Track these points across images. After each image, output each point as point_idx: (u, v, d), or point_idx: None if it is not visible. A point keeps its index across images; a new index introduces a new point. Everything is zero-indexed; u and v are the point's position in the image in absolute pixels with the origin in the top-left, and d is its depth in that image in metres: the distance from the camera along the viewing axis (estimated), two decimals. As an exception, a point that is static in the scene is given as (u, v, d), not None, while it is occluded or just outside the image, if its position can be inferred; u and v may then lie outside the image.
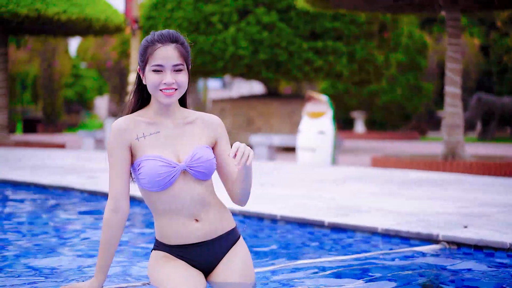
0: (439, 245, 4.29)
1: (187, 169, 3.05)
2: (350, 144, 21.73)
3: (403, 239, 4.47)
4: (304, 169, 9.26)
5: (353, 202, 5.81)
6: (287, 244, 4.61)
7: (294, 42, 16.00)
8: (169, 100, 3.04)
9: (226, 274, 3.16)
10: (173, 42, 3.06)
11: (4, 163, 9.74)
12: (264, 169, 9.27)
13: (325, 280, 3.54)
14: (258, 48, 16.02)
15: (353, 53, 16.44)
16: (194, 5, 16.38)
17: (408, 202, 5.86)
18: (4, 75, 15.47)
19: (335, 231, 4.80)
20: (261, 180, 7.84)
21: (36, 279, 3.49)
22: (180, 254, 3.14)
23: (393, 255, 4.13)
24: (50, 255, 4.13)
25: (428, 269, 3.83)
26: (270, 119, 17.62)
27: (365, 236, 4.65)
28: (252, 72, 16.65)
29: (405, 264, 3.94)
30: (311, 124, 10.34)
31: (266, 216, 5.23)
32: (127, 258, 4.12)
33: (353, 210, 5.32)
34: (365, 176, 8.28)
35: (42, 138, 23.69)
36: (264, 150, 12.51)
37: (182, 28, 16.41)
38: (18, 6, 13.44)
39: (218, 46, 16.13)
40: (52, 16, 13.72)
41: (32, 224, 5.48)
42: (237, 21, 16.12)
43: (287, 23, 16.04)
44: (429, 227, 4.55)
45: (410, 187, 7.00)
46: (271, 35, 15.94)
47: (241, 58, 16.18)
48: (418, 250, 4.24)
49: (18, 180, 7.61)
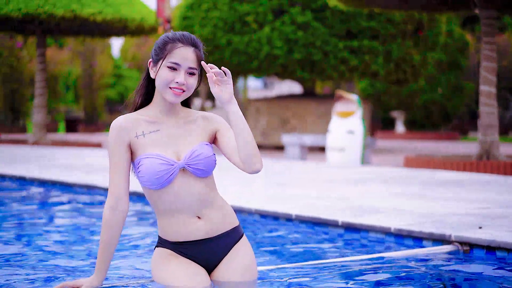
0: (451, 246, 4.23)
1: (186, 167, 3.08)
2: (389, 144, 21.56)
3: (416, 239, 4.43)
4: (330, 169, 9.22)
5: (371, 202, 5.77)
6: (299, 243, 4.61)
7: (329, 42, 15.93)
8: (175, 99, 3.07)
9: (228, 272, 3.19)
10: (193, 46, 3.09)
11: (35, 162, 9.90)
12: (291, 169, 9.26)
13: (332, 280, 3.52)
14: (293, 47, 16.00)
15: (389, 52, 16.31)
16: (230, 5, 16.43)
17: (427, 202, 5.80)
18: (42, 75, 15.73)
19: (349, 231, 4.77)
20: (284, 179, 7.84)
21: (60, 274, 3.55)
22: (182, 251, 3.16)
23: (403, 255, 4.09)
24: (67, 254, 4.19)
25: (438, 270, 3.78)
26: (306, 119, 17.57)
27: (378, 236, 4.61)
28: (287, 72, 16.63)
29: (415, 265, 3.90)
30: (340, 124, 10.28)
31: (280, 215, 5.22)
32: (131, 255, 4.16)
33: (371, 210, 5.28)
34: (391, 176, 8.21)
35: (80, 137, 24.02)
36: (296, 150, 12.49)
37: (218, 28, 16.46)
38: (55, 7, 13.65)
39: (253, 46, 16.14)
40: (87, 17, 13.91)
41: (51, 222, 5.57)
42: (272, 20, 16.11)
43: (322, 23, 15.98)
44: (443, 227, 4.48)
45: (434, 188, 6.92)
46: (306, 34, 15.90)
47: (275, 58, 16.17)
48: (430, 251, 4.19)
49: (46, 179, 7.73)
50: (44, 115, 15.95)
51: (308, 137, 12.33)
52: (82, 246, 4.45)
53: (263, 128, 18.04)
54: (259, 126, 18.15)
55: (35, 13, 13.72)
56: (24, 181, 7.94)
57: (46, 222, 5.57)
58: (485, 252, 4.11)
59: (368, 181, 7.57)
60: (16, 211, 6.14)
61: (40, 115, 15.87)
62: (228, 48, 16.39)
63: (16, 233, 4.97)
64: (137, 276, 3.52)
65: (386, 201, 5.86)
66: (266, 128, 17.93)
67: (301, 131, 17.27)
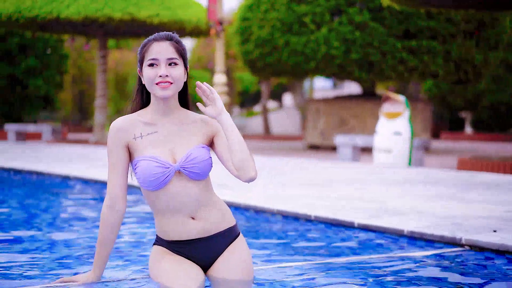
0: (462, 249, 4.19)
1: (181, 170, 3.11)
2: (453, 145, 21.18)
3: (428, 241, 4.40)
4: (374, 170, 9.16)
5: (397, 204, 5.74)
6: (315, 241, 4.63)
7: (387, 42, 15.78)
8: (165, 93, 3.09)
9: (223, 270, 3.22)
10: (168, 39, 3.13)
11: (84, 161, 10.16)
12: (327, 169, 9.25)
13: (335, 280, 3.54)
14: (351, 48, 15.92)
15: (449, 52, 16.04)
16: (287, 6, 16.47)
17: (454, 204, 5.73)
18: (103, 77, 16.11)
19: (365, 232, 4.77)
20: (308, 178, 7.84)
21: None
22: (178, 249, 3.21)
23: (412, 257, 4.07)
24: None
25: (447, 273, 3.76)
26: (364, 120, 17.45)
27: (392, 238, 4.60)
28: (345, 72, 16.56)
29: (423, 267, 3.87)
30: (387, 125, 10.19)
31: (300, 216, 5.25)
32: (129, 252, 4.25)
33: (393, 212, 5.27)
34: (432, 178, 8.11)
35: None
36: (348, 150, 12.41)
37: (276, 29, 16.53)
38: (113, 10, 13.98)
39: (311, 47, 16.14)
40: (144, 19, 14.18)
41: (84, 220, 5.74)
42: (330, 21, 16.07)
43: (380, 23, 15.84)
44: (458, 230, 4.44)
45: (469, 190, 6.81)
46: (364, 34, 15.79)
47: (333, 58, 16.12)
48: (440, 253, 4.15)
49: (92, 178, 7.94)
50: (104, 116, 16.33)
51: (361, 138, 12.22)
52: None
53: (321, 128, 18.00)
54: (317, 127, 18.12)
55: (94, 16, 14.07)
56: (68, 179, 8.19)
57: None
58: (495, 256, 4.05)
59: (405, 183, 7.51)
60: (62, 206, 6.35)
61: (101, 116, 16.26)
62: (285, 49, 16.43)
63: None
64: (135, 273, 3.60)
65: (412, 203, 5.82)
66: (324, 129, 17.89)
67: (360, 132, 17.16)
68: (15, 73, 20.35)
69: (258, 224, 5.38)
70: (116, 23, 14.20)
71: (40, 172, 8.78)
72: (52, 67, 21.16)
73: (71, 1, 14.14)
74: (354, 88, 42.46)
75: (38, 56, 20.67)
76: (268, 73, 18.03)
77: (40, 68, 20.74)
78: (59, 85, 22.19)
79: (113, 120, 3.29)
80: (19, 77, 20.56)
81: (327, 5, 16.05)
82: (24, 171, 9.06)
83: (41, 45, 20.52)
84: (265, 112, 27.96)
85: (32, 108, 21.53)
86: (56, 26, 16.16)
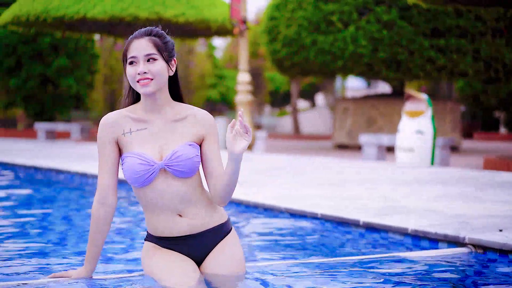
0: (465, 248, 4.12)
1: (165, 168, 3.11)
2: (484, 145, 20.90)
3: (432, 241, 4.34)
4: (394, 170, 9.07)
5: (409, 203, 5.68)
6: (318, 241, 4.61)
7: (415, 40, 15.62)
8: (145, 90, 3.08)
9: (214, 266, 3.22)
10: (147, 35, 3.12)
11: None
12: (350, 167, 9.18)
13: (335, 278, 3.51)
14: (378, 46, 15.79)
15: (478, 50, 15.82)
16: (315, 5, 16.40)
17: (467, 204, 5.65)
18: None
19: (369, 231, 4.73)
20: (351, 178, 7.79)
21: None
22: (168, 246, 3.21)
23: (413, 256, 4.02)
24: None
25: (449, 272, 3.71)
26: (393, 119, 17.29)
27: (396, 237, 4.55)
28: (372, 71, 16.44)
29: (424, 267, 3.82)
30: (409, 124, 10.08)
31: (308, 214, 5.22)
32: (124, 248, 4.27)
33: (403, 211, 5.21)
34: (452, 177, 8.01)
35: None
36: (373, 150, 12.31)
37: (303, 28, 16.47)
38: (139, 9, 14.07)
39: (338, 45, 16.05)
40: (170, 19, 14.23)
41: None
42: (357, 19, 15.97)
43: (407, 21, 15.69)
44: (463, 229, 4.37)
45: (487, 190, 6.71)
46: (391, 33, 15.66)
47: (360, 57, 16.02)
48: (442, 252, 4.10)
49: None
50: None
51: (386, 137, 12.11)
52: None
53: (349, 127, 17.89)
54: (345, 126, 18.03)
55: (120, 16, 14.17)
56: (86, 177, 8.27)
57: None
58: (498, 255, 3.98)
59: (421, 182, 7.42)
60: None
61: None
62: (313, 48, 16.37)
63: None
64: (129, 270, 3.61)
65: (423, 202, 5.75)
66: (352, 128, 17.78)
67: (388, 132, 17.01)
68: (47, 72, 20.62)
69: (266, 222, 5.38)
70: (142, 23, 14.27)
71: (56, 169, 8.87)
72: (83, 66, 21.39)
73: (97, 1, 14.28)
74: (388, 88, 42.18)
75: (69, 56, 20.90)
76: (295, 72, 17.99)
77: (71, 68, 20.97)
78: (90, 85, 22.41)
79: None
80: (51, 77, 20.81)
81: (354, 4, 15.95)
82: (44, 169, 9.16)
83: (72, 45, 20.75)
84: (294, 111, 27.91)
85: (63, 107, 21.78)
86: (83, 26, 16.33)
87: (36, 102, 21.33)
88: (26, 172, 9.39)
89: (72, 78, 20.88)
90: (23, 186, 8.16)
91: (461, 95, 26.46)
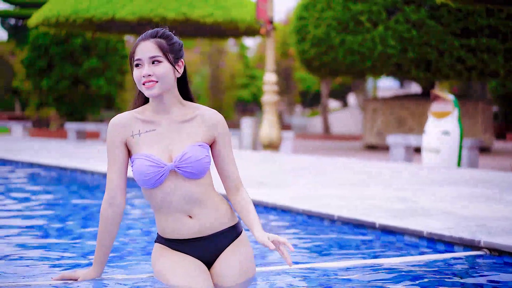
0: (480, 252, 4.06)
1: (175, 169, 3.10)
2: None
3: (447, 244, 4.28)
4: (418, 171, 8.98)
5: (426, 204, 5.62)
6: (336, 244, 4.58)
7: (445, 40, 15.46)
8: (150, 92, 3.07)
9: (223, 269, 3.18)
10: (153, 37, 3.11)
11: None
12: (379, 169, 9.11)
13: (348, 282, 3.48)
14: (407, 46, 15.66)
15: (510, 50, 15.58)
16: (343, 5, 16.32)
17: (487, 206, 5.56)
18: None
19: (385, 233, 4.68)
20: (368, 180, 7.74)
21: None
22: (177, 248, 3.20)
23: (427, 259, 3.97)
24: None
25: (461, 276, 3.65)
26: (424, 120, 17.12)
27: (411, 239, 4.49)
28: (401, 71, 16.30)
29: (438, 270, 3.77)
30: (435, 125, 9.96)
31: (324, 216, 5.19)
32: (134, 249, 4.27)
33: (421, 213, 5.15)
34: (477, 179, 7.90)
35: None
36: (401, 151, 12.21)
37: (331, 28, 16.40)
38: (166, 10, 14.12)
39: (367, 45, 15.95)
40: (198, 19, 14.26)
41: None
42: (386, 19, 15.85)
43: (437, 21, 15.53)
44: (480, 232, 4.30)
45: (510, 192, 6.61)
46: (421, 33, 15.51)
47: (389, 57, 15.90)
48: (456, 255, 4.04)
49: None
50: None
51: (414, 138, 11.99)
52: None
53: (378, 128, 17.77)
54: (375, 126, 17.91)
55: (148, 16, 14.25)
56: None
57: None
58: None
59: (444, 183, 7.34)
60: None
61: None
62: (341, 47, 16.29)
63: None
64: (136, 271, 3.62)
65: (443, 204, 5.68)
66: (381, 128, 17.66)
67: (419, 132, 16.86)
68: (78, 73, 20.84)
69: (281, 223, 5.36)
70: (170, 23, 14.32)
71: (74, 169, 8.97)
72: (114, 67, 21.57)
73: (126, 2, 14.37)
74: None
75: (100, 57, 21.10)
76: (324, 72, 17.92)
77: (102, 68, 21.16)
78: (120, 85, 22.60)
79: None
80: (82, 77, 21.03)
81: (383, 3, 15.84)
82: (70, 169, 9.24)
83: (102, 46, 20.94)
84: (324, 112, 27.82)
85: (94, 107, 22.01)
86: (112, 27, 16.45)
87: (67, 102, 21.57)
88: (51, 171, 9.48)
89: (102, 79, 21.07)
90: (46, 186, 8.24)
91: (494, 95, 26.12)
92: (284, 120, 34.05)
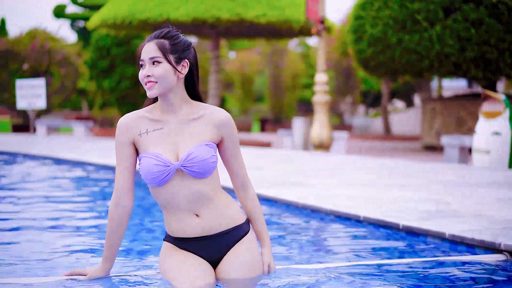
0: (501, 255, 3.97)
1: (181, 168, 3.13)
2: None
3: (469, 246, 4.20)
4: (465, 172, 8.80)
5: (459, 207, 5.52)
6: (366, 242, 4.56)
7: (504, 39, 15.09)
8: (151, 92, 3.13)
9: (228, 268, 3.21)
10: (156, 38, 3.16)
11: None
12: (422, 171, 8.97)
13: (366, 283, 3.46)
14: (466, 45, 15.34)
15: None
16: (400, 3, 16.10)
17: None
18: (216, 77, 16.40)
19: (409, 235, 4.62)
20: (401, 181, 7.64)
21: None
22: (183, 246, 3.23)
23: (446, 262, 3.90)
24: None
25: (480, 279, 3.59)
26: (483, 120, 16.76)
27: (435, 241, 4.43)
28: (460, 71, 15.99)
29: (457, 272, 3.71)
30: (486, 125, 9.74)
31: (352, 216, 5.15)
32: (141, 247, 4.31)
33: (450, 215, 5.07)
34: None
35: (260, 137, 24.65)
36: (455, 152, 11.97)
37: (388, 27, 16.20)
38: (220, 11, 14.21)
39: (424, 45, 15.70)
40: (252, 19, 14.30)
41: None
42: (443, 18, 15.57)
43: (497, 19, 15.17)
44: (504, 235, 4.21)
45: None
46: (480, 32, 15.18)
47: (447, 57, 15.61)
48: (477, 259, 3.96)
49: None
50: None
51: (468, 138, 11.74)
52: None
53: (437, 128, 17.48)
54: (433, 127, 17.62)
55: (203, 17, 14.36)
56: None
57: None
58: (534, 263, 3.82)
59: (486, 185, 7.17)
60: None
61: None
62: (398, 47, 16.08)
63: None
64: (144, 268, 3.66)
65: (476, 206, 5.56)
66: (440, 129, 17.36)
67: (478, 133, 16.50)
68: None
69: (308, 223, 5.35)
70: (225, 24, 14.41)
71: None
72: (173, 67, 21.82)
73: (181, 3, 14.52)
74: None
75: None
76: (381, 72, 17.73)
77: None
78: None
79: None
80: (143, 78, 21.38)
81: (440, 2, 15.56)
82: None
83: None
84: (385, 112, 27.51)
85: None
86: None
87: (129, 102, 21.96)
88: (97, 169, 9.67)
89: (161, 79, 21.35)
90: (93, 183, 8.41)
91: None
92: (345, 121, 33.78)
